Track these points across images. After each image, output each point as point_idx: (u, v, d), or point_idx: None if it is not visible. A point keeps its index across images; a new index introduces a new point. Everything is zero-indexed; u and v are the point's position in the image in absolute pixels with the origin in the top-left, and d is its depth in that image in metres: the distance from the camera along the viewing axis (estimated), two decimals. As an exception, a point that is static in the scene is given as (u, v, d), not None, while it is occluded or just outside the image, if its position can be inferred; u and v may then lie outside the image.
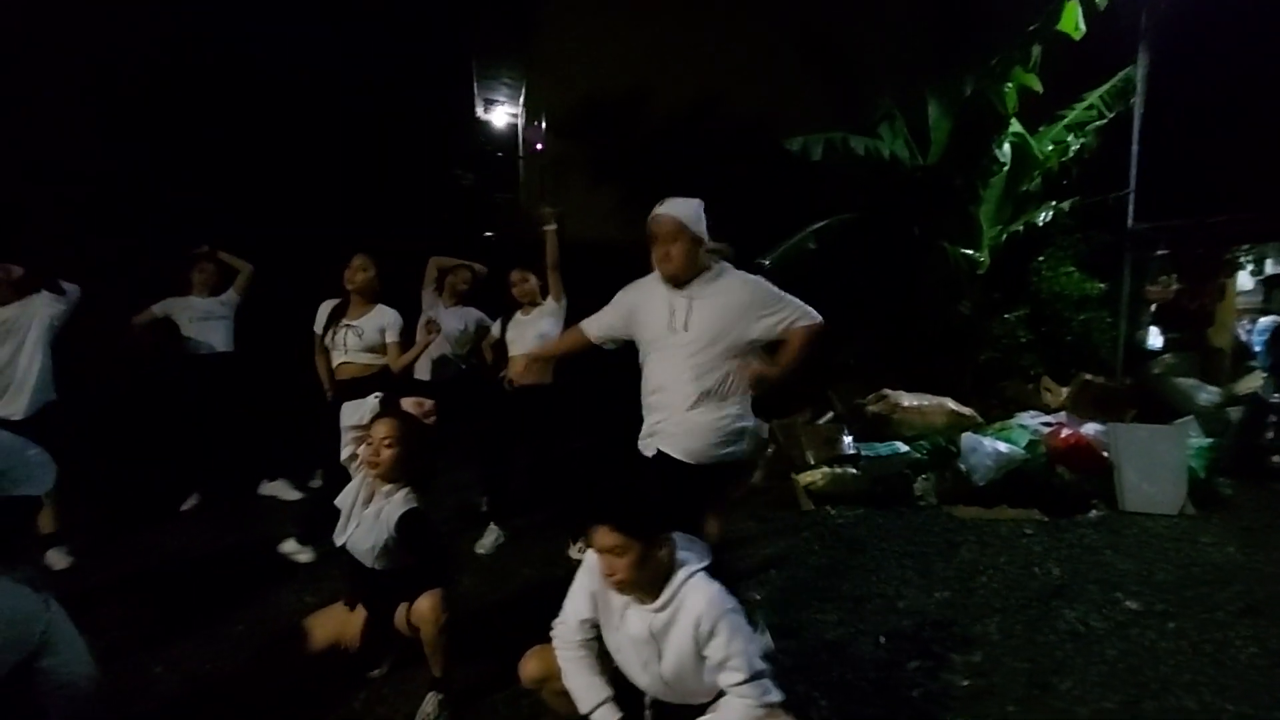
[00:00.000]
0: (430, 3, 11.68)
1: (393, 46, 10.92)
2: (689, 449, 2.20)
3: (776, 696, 1.55)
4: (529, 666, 1.75)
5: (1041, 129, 5.34)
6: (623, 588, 1.56)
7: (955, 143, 4.95)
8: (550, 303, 3.41)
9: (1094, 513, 4.22)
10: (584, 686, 1.66)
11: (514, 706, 2.17)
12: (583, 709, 1.64)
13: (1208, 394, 5.70)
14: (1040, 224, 4.86)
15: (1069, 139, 5.13)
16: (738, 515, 3.81)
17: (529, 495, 3.92)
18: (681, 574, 1.58)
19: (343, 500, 2.25)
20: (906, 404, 4.52)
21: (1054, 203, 4.98)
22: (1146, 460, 4.28)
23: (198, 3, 7.30)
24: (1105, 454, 4.36)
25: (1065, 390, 5.11)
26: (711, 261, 2.28)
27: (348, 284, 3.22)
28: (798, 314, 2.26)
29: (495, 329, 3.62)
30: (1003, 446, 4.43)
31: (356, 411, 2.28)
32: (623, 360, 2.57)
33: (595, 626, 1.71)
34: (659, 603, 1.58)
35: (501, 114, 14.83)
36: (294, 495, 4.34)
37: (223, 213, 5.85)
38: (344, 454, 2.27)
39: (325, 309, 3.32)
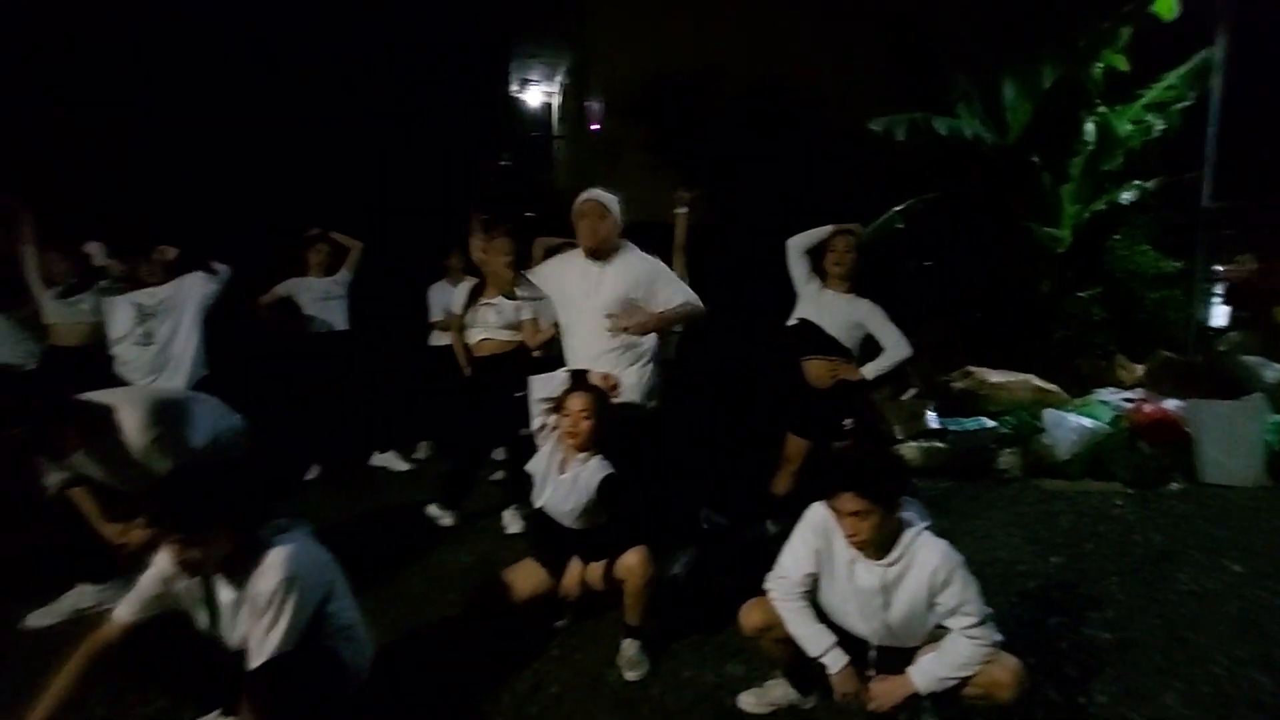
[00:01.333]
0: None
1: (431, 24, 10.87)
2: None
3: (1000, 637, 1.73)
4: (752, 616, 1.94)
5: (1118, 108, 5.37)
6: (862, 546, 1.73)
7: (1038, 123, 5.00)
8: (674, 282, 3.55)
9: (1175, 485, 4.38)
10: (812, 633, 1.85)
11: (699, 651, 2.39)
12: (813, 652, 1.83)
13: (1274, 371, 5.81)
14: (1125, 203, 4.94)
15: (1148, 118, 5.16)
16: (812, 490, 3.95)
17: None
18: (911, 532, 1.76)
19: (535, 467, 2.44)
20: (993, 380, 4.66)
21: (1137, 182, 5.04)
22: (1226, 434, 4.43)
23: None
24: (1186, 429, 4.52)
25: (1140, 367, 5.23)
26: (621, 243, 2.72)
27: (483, 266, 3.37)
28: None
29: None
30: (1086, 421, 4.58)
31: (547, 385, 2.45)
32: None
33: (814, 579, 1.89)
34: (891, 558, 1.75)
35: (536, 93, 14.85)
36: (403, 466, 4.56)
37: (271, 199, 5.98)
38: (534, 424, 2.45)
39: (464, 288, 3.48)
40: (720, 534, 3.37)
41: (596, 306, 2.59)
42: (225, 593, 1.71)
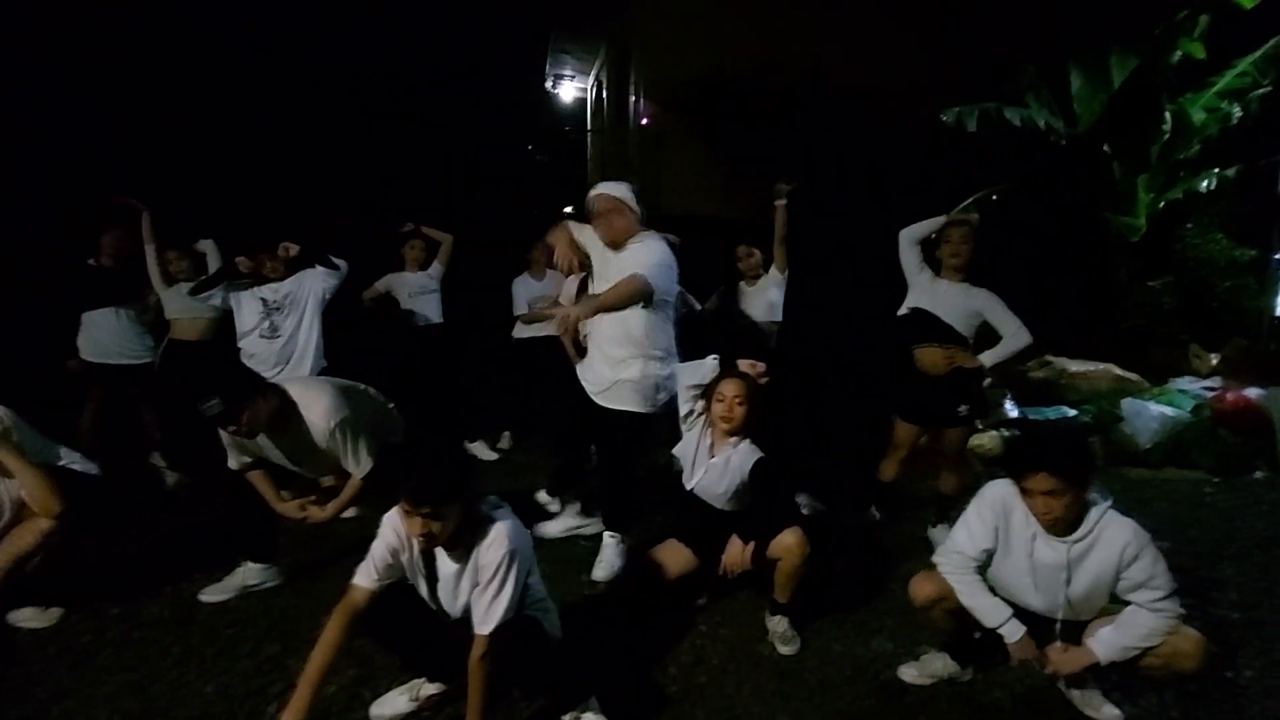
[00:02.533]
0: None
1: (470, 18, 10.94)
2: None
3: (1183, 611, 1.81)
4: (925, 589, 2.03)
5: (1190, 95, 5.35)
6: (1053, 525, 1.81)
7: (1112, 113, 5.00)
8: (775, 273, 3.64)
9: (1259, 473, 4.41)
10: (989, 605, 1.93)
11: (841, 628, 2.48)
12: (992, 623, 1.92)
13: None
14: (1204, 191, 4.93)
15: (1222, 105, 5.14)
16: (912, 477, 4.01)
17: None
18: (1097, 510, 1.83)
19: (683, 451, 2.54)
20: (1073, 370, 4.70)
21: (1216, 170, 5.03)
22: (1307, 422, 4.44)
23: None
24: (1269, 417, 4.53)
25: (1214, 356, 5.23)
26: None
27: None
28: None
29: (714, 301, 3.86)
30: (1168, 410, 4.60)
31: (696, 372, 2.54)
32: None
33: (989, 555, 1.98)
34: (1078, 534, 1.83)
35: (570, 89, 14.90)
36: (491, 455, 4.69)
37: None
38: (681, 410, 2.55)
39: (573, 283, 3.59)
40: (823, 521, 3.46)
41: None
42: (446, 564, 1.83)
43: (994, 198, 5.00)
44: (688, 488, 2.48)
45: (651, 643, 2.36)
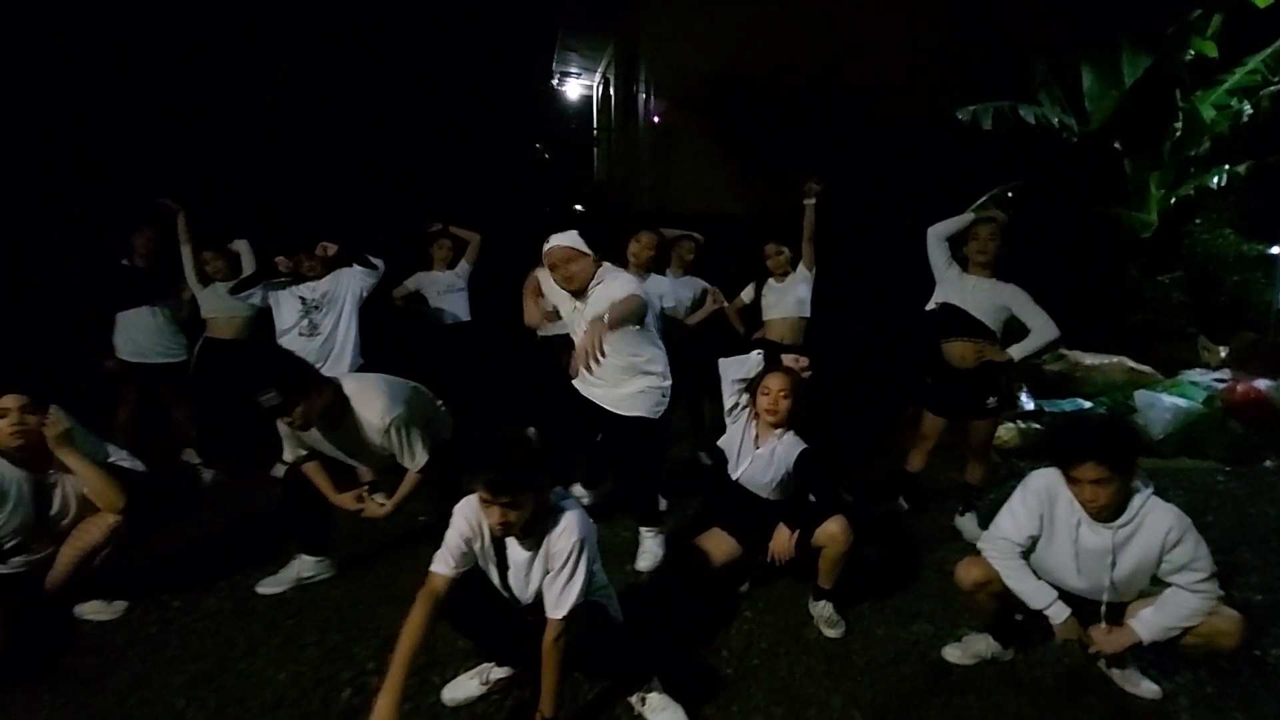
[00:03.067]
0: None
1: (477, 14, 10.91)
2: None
3: (1222, 592, 1.90)
4: (972, 573, 2.11)
5: (1200, 93, 5.44)
6: (1098, 512, 1.89)
7: (1125, 111, 5.09)
8: (803, 270, 3.72)
9: (1269, 462, 4.52)
10: (1035, 588, 2.02)
11: (881, 613, 2.57)
12: (1038, 605, 2.00)
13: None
14: (1215, 187, 5.03)
15: (1232, 103, 5.23)
16: (936, 468, 4.10)
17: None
18: (1140, 497, 1.92)
19: (728, 442, 2.62)
20: (1088, 363, 4.80)
21: (1226, 166, 5.13)
22: (1316, 413, 4.55)
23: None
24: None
25: (1223, 349, 5.33)
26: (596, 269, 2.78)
27: (631, 258, 3.54)
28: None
29: (746, 295, 3.94)
30: (1181, 402, 4.71)
31: (741, 367, 2.62)
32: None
33: (1033, 540, 2.06)
34: (1122, 520, 1.91)
35: (575, 86, 14.93)
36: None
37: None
38: (727, 404, 2.63)
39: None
40: (853, 511, 3.54)
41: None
42: (517, 552, 1.90)
43: (1009, 194, 5.09)
44: (733, 477, 2.56)
45: (701, 628, 2.44)
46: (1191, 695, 2.10)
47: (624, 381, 2.78)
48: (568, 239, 2.74)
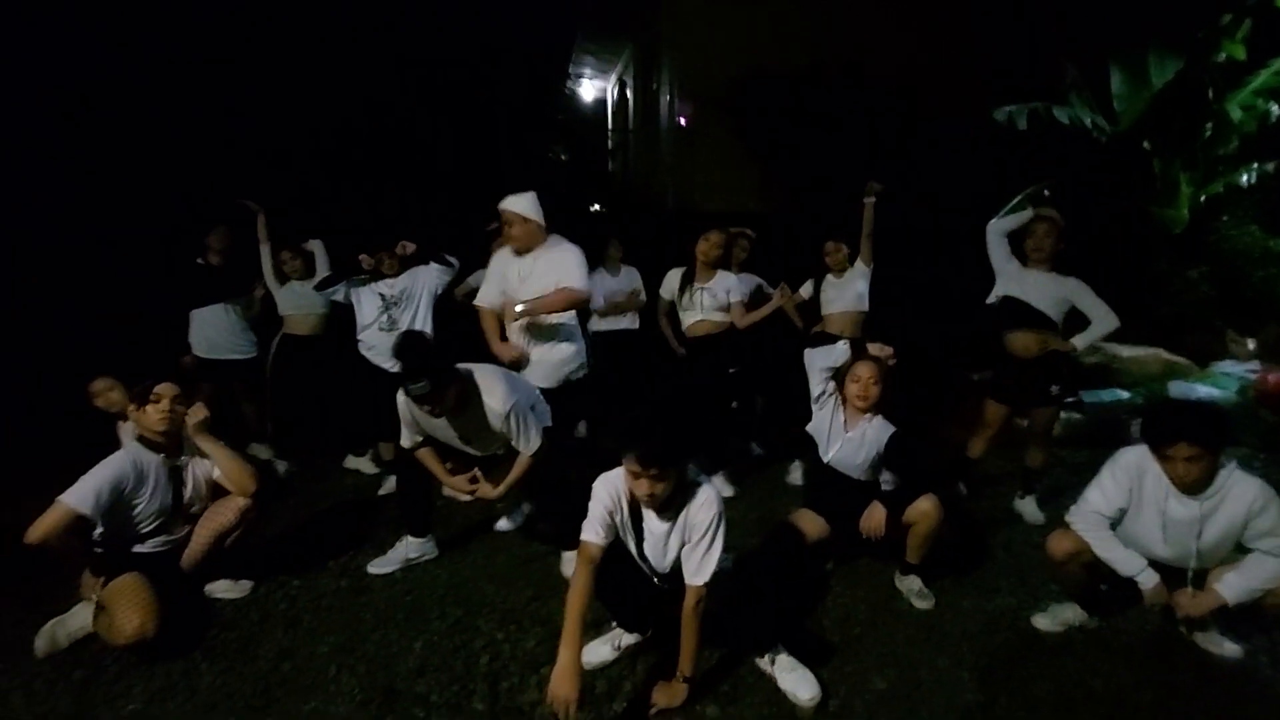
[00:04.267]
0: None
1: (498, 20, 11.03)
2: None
3: (1305, 557, 2.05)
4: (1063, 544, 2.27)
5: (1229, 93, 5.60)
6: (1189, 486, 2.05)
7: (1155, 113, 5.25)
8: (860, 265, 3.85)
9: (1300, 449, 4.70)
10: (1125, 556, 2.17)
11: (961, 587, 2.71)
12: (1129, 572, 2.16)
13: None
14: (1244, 185, 5.20)
15: (1259, 103, 5.40)
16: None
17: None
18: (1225, 470, 2.08)
19: (817, 428, 2.76)
20: (1125, 354, 4.96)
21: (1255, 164, 5.29)
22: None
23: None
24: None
25: (1251, 341, 5.50)
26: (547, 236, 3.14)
27: (701, 256, 3.69)
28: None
29: (805, 291, 4.08)
30: (1215, 392, 4.88)
31: (829, 356, 2.76)
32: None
33: (1122, 512, 2.21)
34: (1209, 492, 2.07)
35: (590, 88, 15.08)
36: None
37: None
38: (815, 391, 2.77)
39: (675, 276, 3.79)
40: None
41: (528, 294, 3.06)
42: (655, 523, 2.04)
43: (1045, 192, 5.26)
44: (825, 460, 2.71)
45: (800, 601, 2.59)
46: (1270, 654, 2.25)
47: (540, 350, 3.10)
48: (520, 203, 3.08)
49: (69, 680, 2.10)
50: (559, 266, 3.06)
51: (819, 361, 2.76)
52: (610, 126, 14.38)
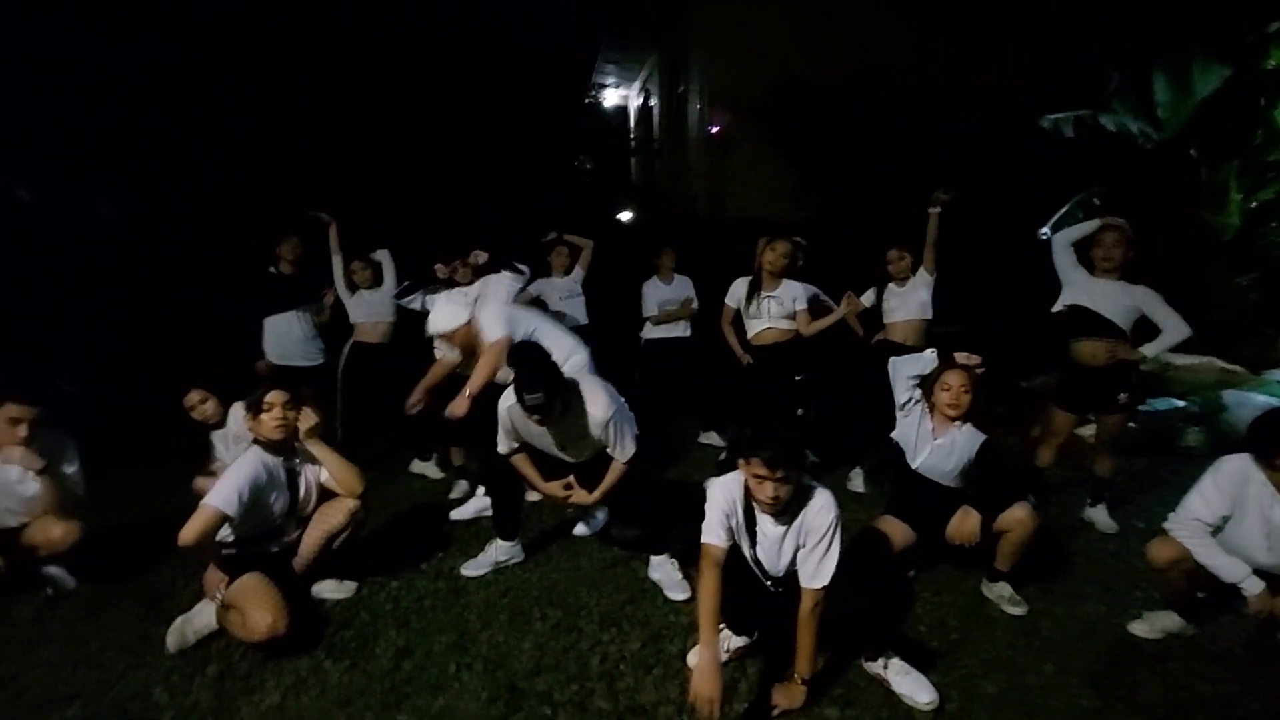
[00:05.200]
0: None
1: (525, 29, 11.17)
2: None
3: None
4: (1165, 552, 2.30)
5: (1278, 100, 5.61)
6: None
7: (1202, 120, 5.28)
8: (923, 274, 3.90)
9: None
10: (1228, 563, 2.20)
11: (1051, 594, 2.73)
12: (1233, 579, 2.19)
13: None
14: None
15: (1305, 108, 5.41)
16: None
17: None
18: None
19: (903, 435, 2.81)
20: (1179, 363, 4.96)
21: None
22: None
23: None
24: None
25: (1303, 349, 5.49)
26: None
27: (768, 265, 3.76)
28: None
29: (867, 299, 4.13)
30: (1273, 400, 4.87)
31: (916, 364, 2.81)
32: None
33: (1224, 520, 2.24)
34: None
35: (612, 96, 15.22)
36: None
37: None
38: (900, 399, 2.82)
39: (742, 284, 3.86)
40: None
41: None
42: (769, 527, 2.09)
43: (1095, 200, 5.28)
44: (913, 467, 2.75)
45: (892, 608, 2.62)
46: (1376, 664, 2.28)
47: None
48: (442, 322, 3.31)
49: (204, 675, 2.19)
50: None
51: (906, 370, 2.81)
52: (633, 134, 14.51)
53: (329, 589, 2.68)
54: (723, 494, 2.11)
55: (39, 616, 2.58)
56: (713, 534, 2.05)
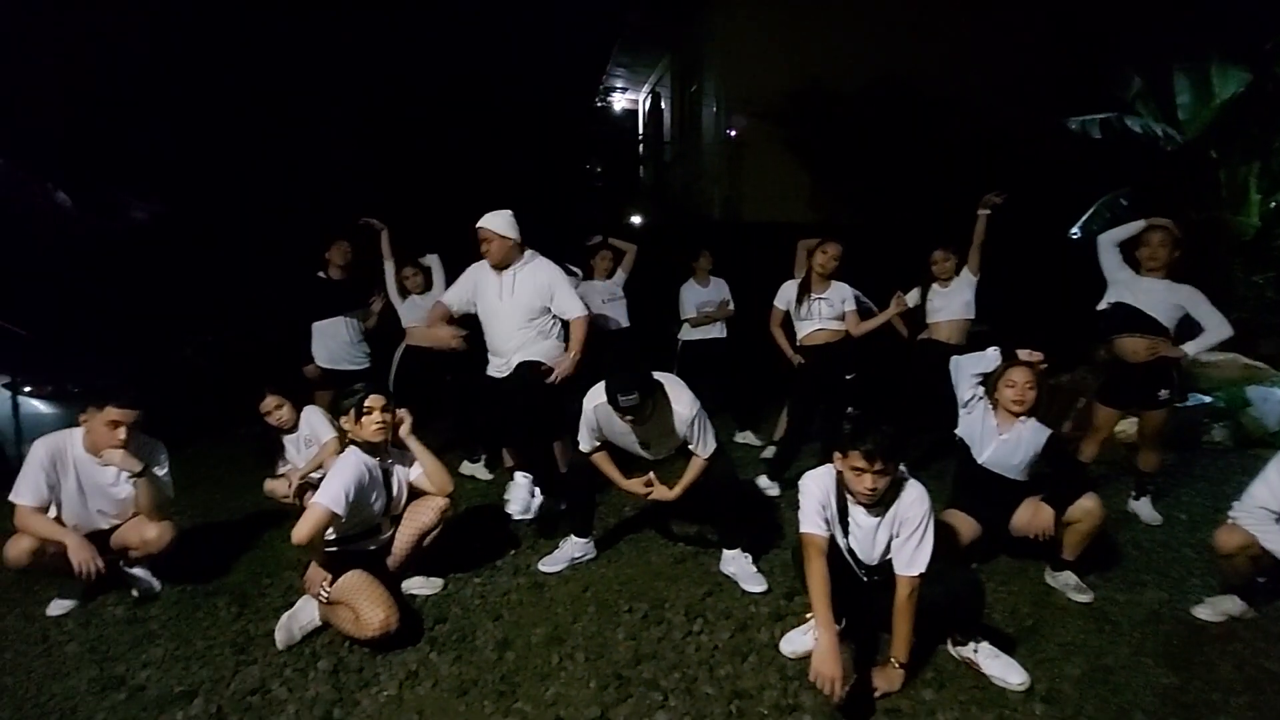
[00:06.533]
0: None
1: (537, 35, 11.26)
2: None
3: None
4: (1233, 538, 2.41)
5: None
6: None
7: (1222, 124, 5.42)
8: (967, 274, 4.01)
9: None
10: None
11: (1110, 583, 2.84)
12: (1298, 563, 2.29)
13: None
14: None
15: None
16: None
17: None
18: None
19: (968, 432, 2.90)
20: (1205, 359, 5.09)
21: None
22: None
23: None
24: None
25: (1319, 345, 5.64)
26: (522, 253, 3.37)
27: (819, 267, 3.85)
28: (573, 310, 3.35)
29: (912, 298, 4.23)
30: (1295, 395, 5.02)
31: (980, 363, 2.90)
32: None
33: (1284, 506, 2.36)
34: None
35: (621, 100, 15.31)
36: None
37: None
38: (964, 396, 2.91)
39: (791, 286, 3.96)
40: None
41: (510, 308, 3.33)
42: (862, 518, 2.19)
43: (1122, 201, 5.42)
44: (979, 462, 2.85)
45: (977, 595, 2.66)
46: None
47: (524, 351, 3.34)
48: (496, 221, 3.29)
49: (316, 670, 2.25)
50: (545, 290, 3.30)
51: (970, 368, 2.91)
52: (641, 137, 14.61)
53: (418, 585, 2.75)
54: (817, 486, 2.21)
55: (132, 617, 2.65)
56: (813, 524, 2.14)
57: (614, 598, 2.75)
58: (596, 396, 2.75)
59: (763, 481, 3.97)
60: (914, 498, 2.14)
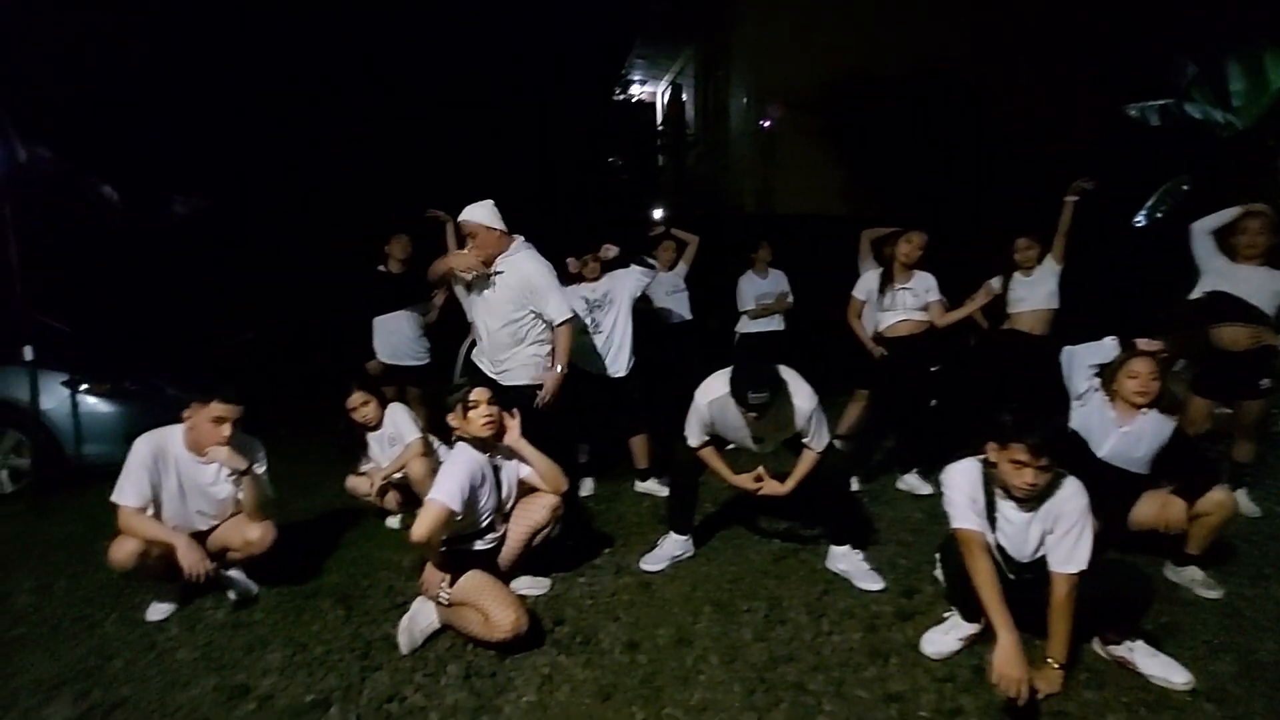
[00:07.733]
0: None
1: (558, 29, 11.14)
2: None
3: None
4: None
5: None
6: None
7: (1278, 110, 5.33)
8: (1050, 263, 3.91)
9: None
10: None
11: (1231, 576, 2.76)
12: None
13: None
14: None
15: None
16: None
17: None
18: None
19: (1083, 425, 2.81)
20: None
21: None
22: None
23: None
24: None
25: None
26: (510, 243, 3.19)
27: (903, 257, 3.76)
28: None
29: (995, 285, 4.13)
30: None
31: (1097, 353, 2.83)
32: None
33: None
34: None
35: (639, 91, 15.15)
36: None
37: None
38: (1079, 389, 2.83)
39: (873, 277, 3.86)
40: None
41: (490, 303, 3.18)
42: (1012, 514, 2.11)
43: (1184, 187, 5.33)
44: (1099, 455, 2.77)
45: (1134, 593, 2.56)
46: None
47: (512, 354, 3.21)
48: (479, 213, 3.13)
49: (447, 675, 2.17)
50: (523, 287, 3.11)
51: (1085, 358, 2.83)
52: (661, 130, 14.47)
53: (525, 585, 2.67)
54: (964, 479, 2.13)
55: (236, 621, 2.56)
56: (968, 520, 2.07)
57: (728, 597, 2.67)
58: (711, 391, 2.67)
59: (911, 480, 3.87)
60: (1071, 492, 2.06)
